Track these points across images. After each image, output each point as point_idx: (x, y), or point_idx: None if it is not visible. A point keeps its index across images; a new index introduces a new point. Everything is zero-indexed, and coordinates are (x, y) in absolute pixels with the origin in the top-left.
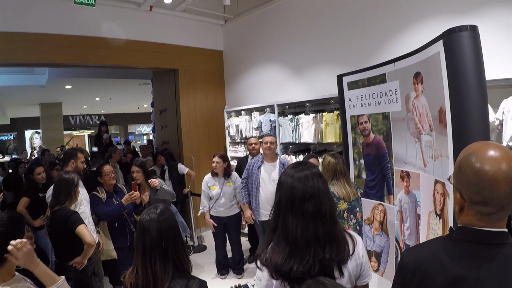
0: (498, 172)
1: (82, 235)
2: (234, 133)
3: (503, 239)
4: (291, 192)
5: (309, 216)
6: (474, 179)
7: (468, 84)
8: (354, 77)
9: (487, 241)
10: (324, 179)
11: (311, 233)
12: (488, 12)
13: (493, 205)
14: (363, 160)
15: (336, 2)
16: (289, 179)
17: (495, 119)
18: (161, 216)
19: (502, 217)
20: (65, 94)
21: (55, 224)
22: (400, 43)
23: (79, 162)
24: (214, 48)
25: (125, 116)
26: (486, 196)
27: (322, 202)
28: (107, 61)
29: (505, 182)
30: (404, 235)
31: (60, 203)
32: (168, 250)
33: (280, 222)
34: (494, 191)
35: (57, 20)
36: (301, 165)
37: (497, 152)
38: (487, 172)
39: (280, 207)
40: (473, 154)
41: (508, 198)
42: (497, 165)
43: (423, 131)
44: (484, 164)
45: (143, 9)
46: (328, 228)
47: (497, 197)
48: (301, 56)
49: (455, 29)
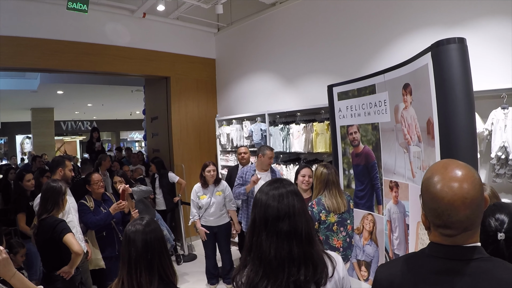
0: (455, 198)
1: (70, 244)
2: (225, 142)
3: (475, 254)
4: (265, 210)
5: (284, 235)
6: (432, 205)
7: (456, 96)
8: (344, 88)
9: (459, 257)
10: (301, 197)
11: (285, 253)
12: (478, 23)
13: (455, 228)
14: (353, 170)
15: (328, 13)
16: (264, 196)
17: (484, 130)
18: (146, 228)
19: (468, 237)
20: (57, 99)
21: (42, 233)
22: (390, 54)
23: (67, 170)
24: (207, 56)
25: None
26: (445, 220)
27: (297, 221)
28: (100, 68)
29: (463, 207)
30: (393, 244)
31: (48, 212)
32: (154, 262)
33: (254, 242)
34: (452, 215)
35: (50, 25)
36: (277, 182)
37: (455, 175)
38: (443, 198)
39: (254, 226)
40: (431, 177)
41: (469, 220)
42: (453, 190)
43: (411, 142)
44: (441, 189)
45: (136, 16)
46: (304, 248)
47: (457, 221)
48: (292, 66)
49: (443, 42)
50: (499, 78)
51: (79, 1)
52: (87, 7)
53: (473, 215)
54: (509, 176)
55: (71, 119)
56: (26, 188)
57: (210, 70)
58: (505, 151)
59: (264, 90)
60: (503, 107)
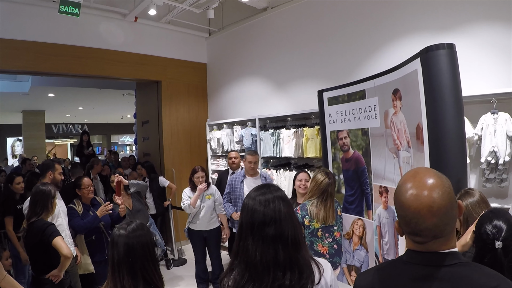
0: (421, 206)
1: (59, 247)
2: (215, 147)
3: (453, 260)
4: (251, 215)
5: (269, 240)
6: (401, 212)
7: (445, 101)
8: (334, 93)
9: (435, 263)
10: (288, 203)
11: (270, 258)
12: (467, 29)
13: (423, 235)
14: (343, 176)
15: (319, 19)
16: (251, 201)
17: (474, 135)
18: (131, 233)
19: (440, 243)
20: (48, 102)
21: (31, 236)
22: (380, 59)
23: (56, 173)
24: (198, 60)
25: (108, 126)
26: (413, 228)
27: (283, 226)
28: (91, 71)
29: (429, 215)
30: (383, 249)
31: (37, 215)
32: (136, 266)
33: (241, 246)
34: (419, 223)
35: (42, 28)
36: (264, 188)
37: (422, 183)
38: (410, 207)
39: (241, 231)
40: (401, 186)
41: (438, 228)
42: (420, 198)
43: (401, 147)
44: (408, 197)
45: (128, 20)
46: (290, 253)
47: (425, 229)
48: (283, 71)
49: (432, 47)
50: (489, 83)
51: (71, 4)
52: (79, 10)
53: (441, 223)
54: (499, 181)
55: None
56: (15, 191)
57: (201, 75)
58: (494, 156)
59: (255, 95)
60: (493, 112)
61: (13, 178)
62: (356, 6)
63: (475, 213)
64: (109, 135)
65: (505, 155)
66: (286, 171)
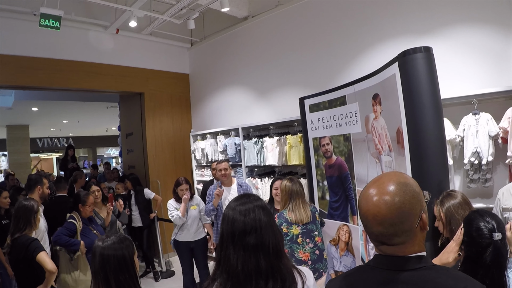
0: (367, 213)
1: (43, 262)
2: (200, 157)
3: (418, 263)
4: (232, 224)
5: (250, 249)
6: (359, 214)
7: (423, 104)
8: (315, 100)
9: (401, 267)
10: (268, 212)
11: (252, 267)
12: (446, 31)
13: (373, 239)
14: (326, 182)
15: (298, 26)
16: (231, 211)
17: (456, 136)
18: (108, 245)
19: (398, 249)
20: (32, 116)
21: (15, 252)
22: (360, 65)
23: (44, 188)
24: (180, 71)
25: (94, 139)
26: (368, 231)
27: (264, 234)
28: (74, 84)
29: (374, 223)
30: (370, 254)
31: (20, 230)
32: (110, 278)
33: (222, 256)
34: (368, 227)
35: (22, 41)
36: (244, 197)
37: (378, 189)
38: (360, 210)
39: (222, 240)
40: (364, 187)
41: (384, 236)
42: (368, 205)
43: (383, 152)
44: (361, 202)
45: (110, 32)
46: (271, 261)
47: (372, 233)
48: (265, 79)
49: (409, 51)
50: (470, 85)
51: (52, 18)
52: (59, 24)
53: (387, 232)
54: (483, 181)
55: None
56: (1, 205)
57: (184, 85)
58: (477, 157)
59: (237, 104)
60: (474, 113)
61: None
62: (336, 13)
63: (457, 214)
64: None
65: (488, 155)
66: (270, 179)
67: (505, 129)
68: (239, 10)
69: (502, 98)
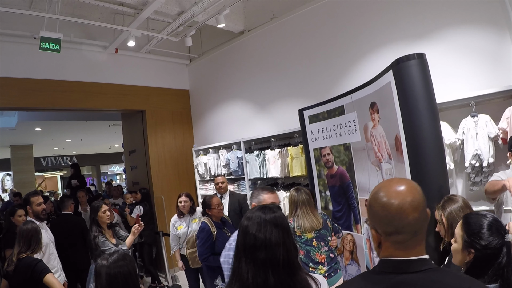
0: (403, 202)
1: (50, 283)
2: (203, 172)
3: (422, 265)
4: (244, 237)
5: (260, 263)
6: (383, 212)
7: (419, 110)
8: (314, 111)
9: (406, 270)
10: (282, 227)
11: (261, 281)
12: (440, 35)
13: (405, 232)
14: (329, 192)
15: (294, 38)
16: (245, 222)
17: (456, 139)
18: (112, 263)
19: (417, 243)
20: (36, 136)
21: (20, 273)
22: (357, 74)
23: (34, 206)
24: (180, 87)
25: (97, 156)
26: (396, 225)
27: (274, 251)
28: (75, 104)
29: (411, 209)
30: (374, 262)
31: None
32: None
33: (236, 266)
34: (402, 219)
35: (25, 64)
36: (262, 210)
37: (401, 186)
38: (392, 204)
39: (237, 251)
40: (379, 191)
41: (418, 223)
42: (402, 197)
43: (382, 160)
44: (390, 197)
45: (109, 52)
46: (281, 278)
47: (407, 224)
48: (264, 92)
49: (403, 58)
50: (467, 87)
51: (52, 41)
52: (60, 46)
53: (420, 218)
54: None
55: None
56: (16, 223)
57: (185, 101)
58: (478, 159)
59: (238, 118)
60: (473, 115)
61: (15, 211)
62: (331, 24)
63: (459, 218)
64: (98, 166)
65: (488, 157)
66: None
67: (504, 130)
68: (235, 25)
69: (500, 99)
